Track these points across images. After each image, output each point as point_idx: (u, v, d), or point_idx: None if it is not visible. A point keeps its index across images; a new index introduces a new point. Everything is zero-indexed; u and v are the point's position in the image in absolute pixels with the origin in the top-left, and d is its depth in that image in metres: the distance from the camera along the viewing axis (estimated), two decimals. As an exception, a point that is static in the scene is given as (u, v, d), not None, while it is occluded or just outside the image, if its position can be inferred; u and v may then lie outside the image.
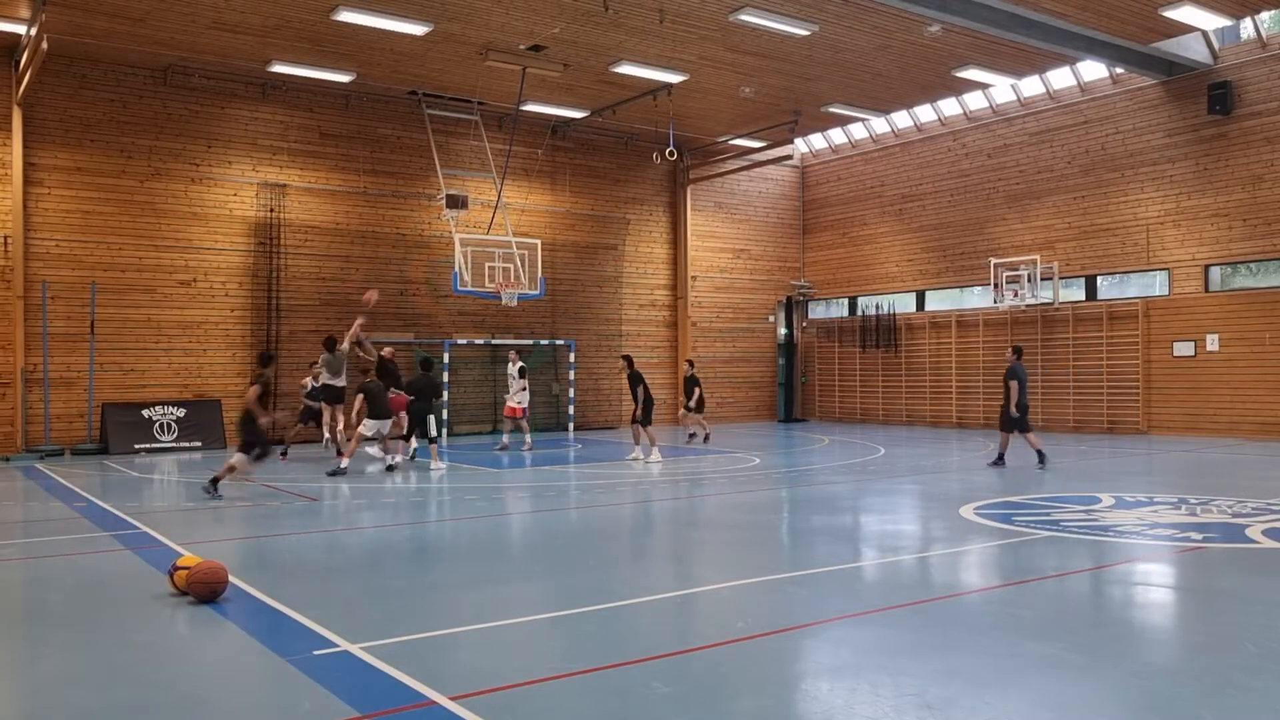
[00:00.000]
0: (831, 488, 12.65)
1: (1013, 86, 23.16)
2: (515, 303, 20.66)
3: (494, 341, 22.93)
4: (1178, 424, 20.54)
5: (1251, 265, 20.03)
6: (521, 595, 6.87)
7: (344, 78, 20.19)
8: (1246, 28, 19.80)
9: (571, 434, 21.65)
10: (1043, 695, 4.61)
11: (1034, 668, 5.03)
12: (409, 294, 22.54)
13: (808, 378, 28.53)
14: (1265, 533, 8.91)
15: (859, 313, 27.55)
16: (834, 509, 11.02)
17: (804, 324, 28.73)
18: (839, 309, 28.50)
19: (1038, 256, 22.47)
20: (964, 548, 8.63)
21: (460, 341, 21.55)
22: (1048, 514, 10.12)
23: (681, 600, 6.79)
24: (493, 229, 21.60)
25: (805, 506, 11.32)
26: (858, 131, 27.33)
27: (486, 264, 20.51)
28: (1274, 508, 10.31)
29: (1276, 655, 5.30)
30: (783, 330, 28.66)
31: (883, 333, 26.43)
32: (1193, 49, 20.00)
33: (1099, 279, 22.49)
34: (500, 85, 20.57)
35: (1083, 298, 22.67)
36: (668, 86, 20.77)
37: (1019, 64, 20.41)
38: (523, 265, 20.80)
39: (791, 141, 26.67)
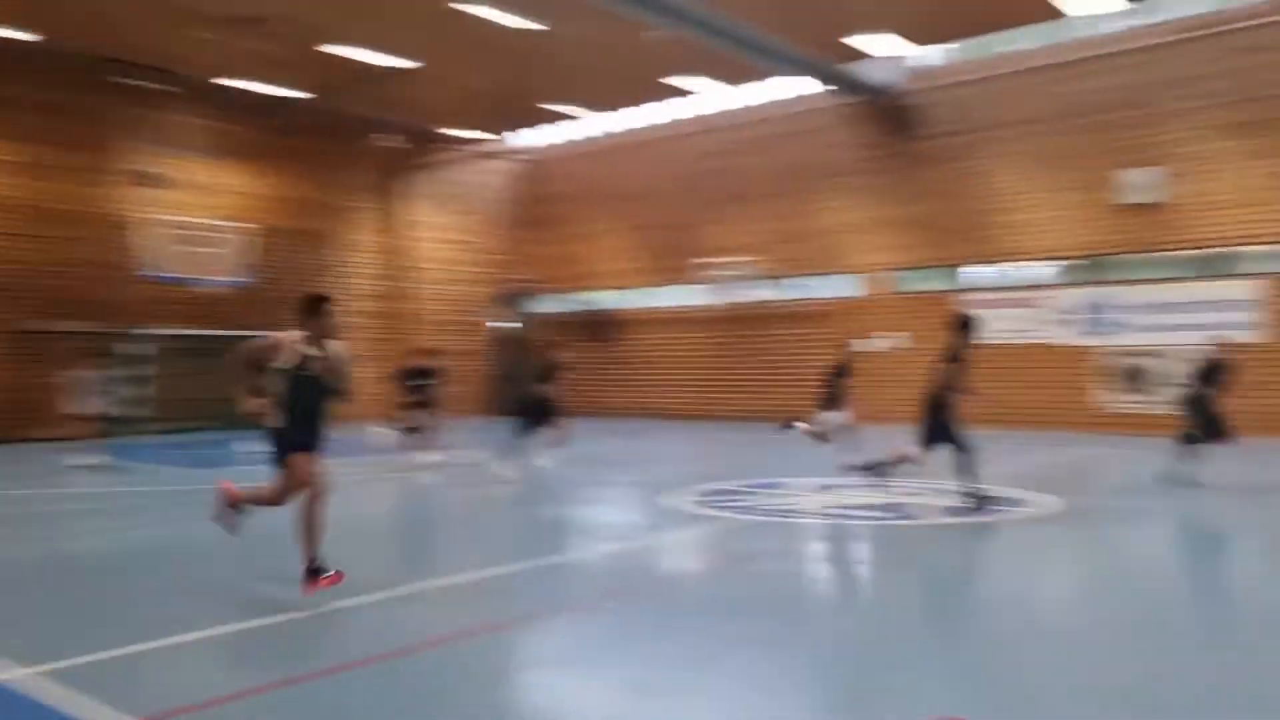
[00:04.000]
0: (548, 481, 12.79)
1: (726, 95, 24.46)
2: (221, 289, 19.31)
3: (197, 332, 21.25)
4: (866, 414, 22.51)
5: (928, 271, 22.39)
6: (215, 606, 6.40)
7: (27, 36, 17.91)
8: (931, 56, 22.10)
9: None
10: (746, 671, 4.90)
11: (738, 646, 5.33)
12: (100, 278, 20.37)
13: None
14: (934, 509, 9.98)
15: (583, 308, 28.07)
16: (546, 502, 11.16)
17: (528, 319, 28.87)
18: (563, 304, 28.89)
19: (746, 258, 23.87)
20: (669, 535, 9.00)
21: (157, 331, 19.78)
22: (746, 500, 10.78)
23: (390, 602, 6.60)
24: (198, 211, 20.03)
25: (515, 500, 11.38)
26: (586, 128, 27.82)
27: (189, 248, 19.01)
28: (938, 488, 11.57)
29: (950, 621, 5.96)
30: (506, 325, 28.66)
31: (606, 328, 27.07)
32: (885, 72, 22.02)
33: (800, 280, 24.29)
34: (210, 58, 19.11)
35: (786, 297, 24.38)
36: (392, 71, 20.14)
37: (729, 74, 21.58)
38: (230, 250, 19.46)
39: (515, 134, 26.72)
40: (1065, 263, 20.49)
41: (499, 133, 27.40)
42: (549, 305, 29.21)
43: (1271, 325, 17.81)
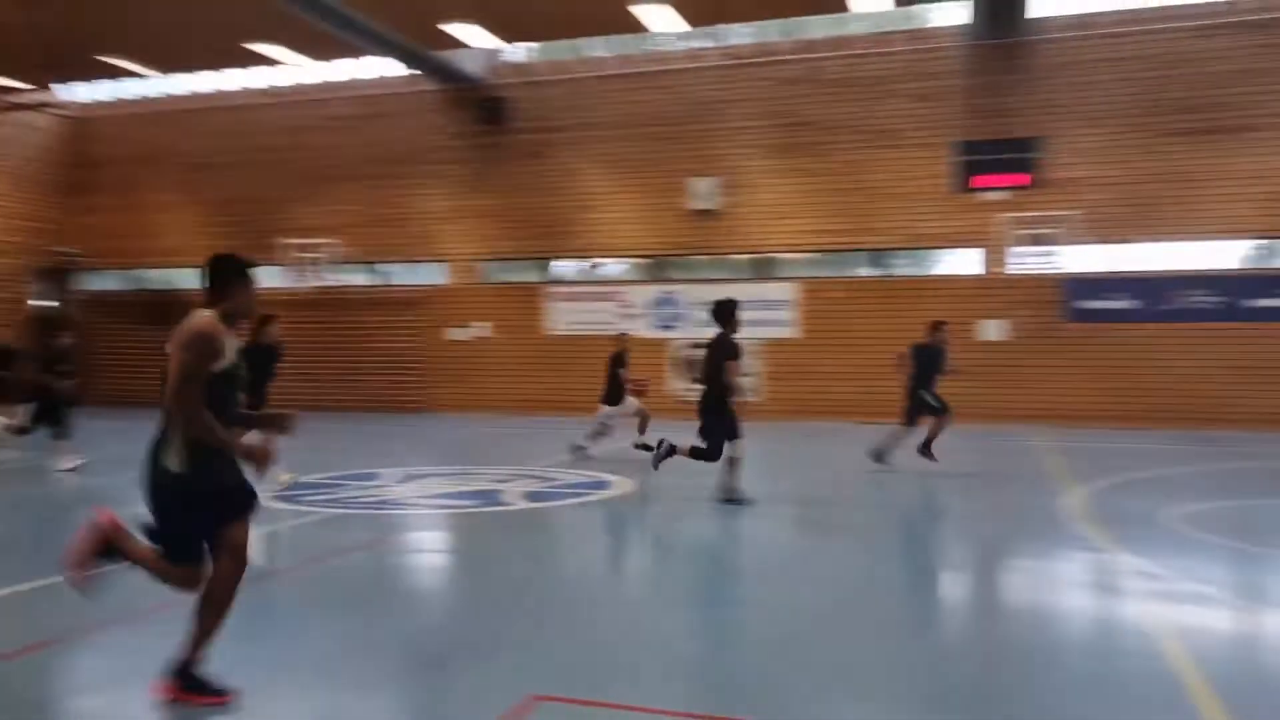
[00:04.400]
0: (102, 479, 11.42)
1: (311, 68, 23.29)
2: None
3: None
4: (455, 402, 22.66)
5: (514, 262, 23.00)
6: None
7: None
8: (516, 53, 22.64)
9: None
10: (330, 672, 4.71)
11: (321, 646, 5.11)
12: None
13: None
14: (521, 495, 10.28)
15: (145, 286, 25.39)
16: (105, 503, 9.95)
17: (73, 296, 25.46)
18: (120, 281, 25.87)
19: (332, 240, 22.95)
20: (252, 532, 8.43)
21: None
22: (334, 492, 10.40)
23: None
24: None
25: (63, 503, 10.04)
26: (146, 88, 25.08)
27: None
28: (526, 474, 11.96)
29: (532, 602, 6.14)
30: (45, 302, 25.04)
31: (172, 309, 24.59)
32: (473, 62, 22.21)
33: (388, 266, 23.84)
34: None
35: (373, 283, 23.80)
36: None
37: (317, 48, 20.57)
38: None
39: (66, 87, 23.45)
40: (644, 260, 22.06)
41: (42, 83, 23.82)
42: (102, 282, 26.04)
43: (801, 323, 20.50)
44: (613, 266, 22.56)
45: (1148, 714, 4.30)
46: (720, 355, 9.56)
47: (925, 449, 12.08)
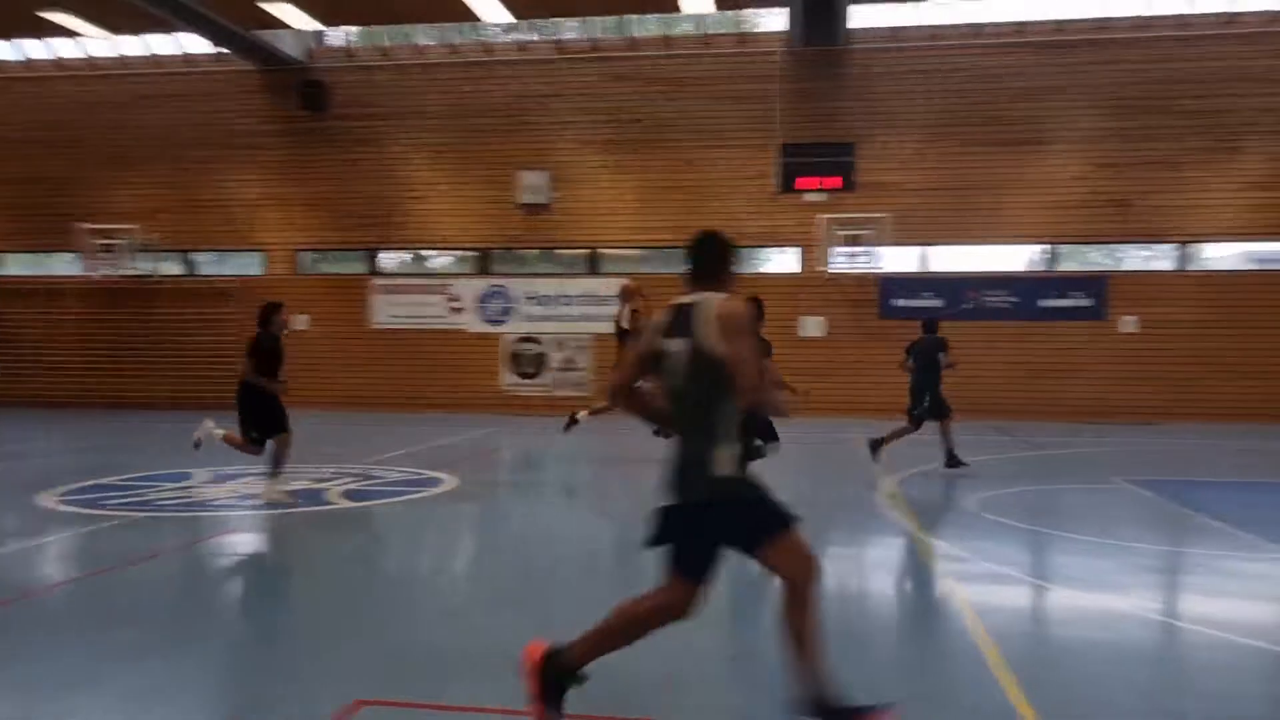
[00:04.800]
0: None
1: (111, 41, 21.74)
2: None
3: None
4: (322, 399, 21.67)
5: (335, 253, 22.21)
6: None
7: None
8: (338, 36, 21.83)
9: None
10: (139, 686, 4.43)
11: (130, 658, 4.80)
12: None
13: None
14: (343, 494, 9.95)
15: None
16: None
17: None
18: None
19: (137, 226, 21.52)
20: (42, 540, 7.82)
21: None
22: (140, 494, 9.78)
23: None
24: None
25: None
26: (-86, 54, 22.80)
27: None
28: (348, 472, 11.59)
29: (355, 604, 5.95)
30: None
31: (-53, 297, 22.51)
32: (290, 44, 21.25)
33: (199, 255, 22.54)
34: None
35: (183, 272, 22.47)
36: None
37: (120, 20, 19.22)
38: None
39: None
40: (474, 253, 21.73)
41: None
42: None
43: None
44: (443, 258, 22.16)
45: (957, 690, 4.58)
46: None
47: (876, 447, 11.88)
